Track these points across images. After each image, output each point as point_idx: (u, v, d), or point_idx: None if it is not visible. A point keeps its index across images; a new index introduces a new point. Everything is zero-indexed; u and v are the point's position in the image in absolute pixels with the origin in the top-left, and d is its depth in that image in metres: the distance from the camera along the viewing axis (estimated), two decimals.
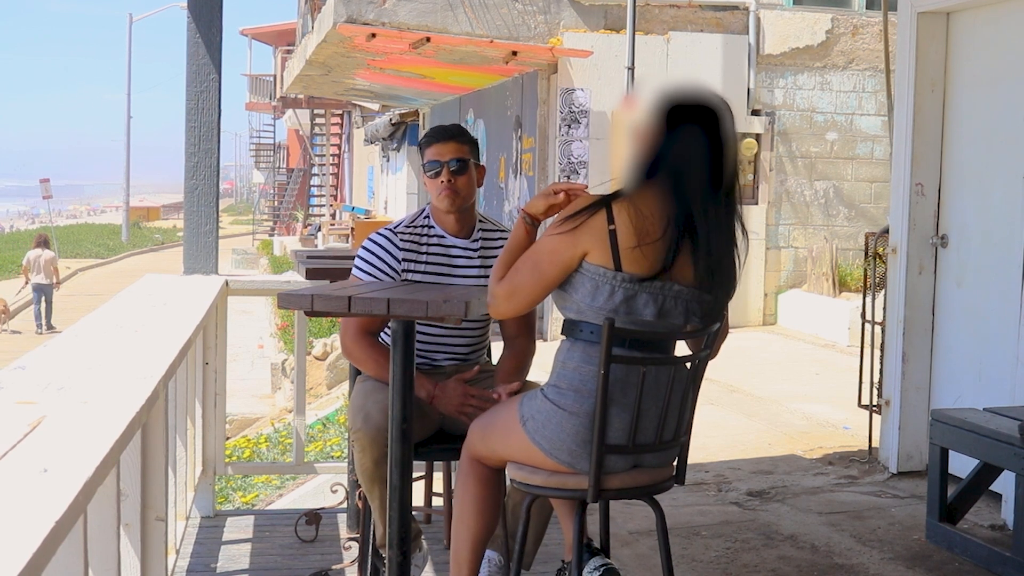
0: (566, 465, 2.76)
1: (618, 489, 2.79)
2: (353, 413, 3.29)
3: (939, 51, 5.41)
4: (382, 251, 3.38)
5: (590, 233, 2.69)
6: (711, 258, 2.75)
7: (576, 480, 2.77)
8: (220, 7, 4.72)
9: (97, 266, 33.84)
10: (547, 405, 2.77)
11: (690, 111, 2.75)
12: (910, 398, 5.48)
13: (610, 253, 2.68)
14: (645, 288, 2.71)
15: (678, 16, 11.70)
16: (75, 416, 2.12)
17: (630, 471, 2.81)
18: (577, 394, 2.73)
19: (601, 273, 2.69)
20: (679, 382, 2.80)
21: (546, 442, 2.76)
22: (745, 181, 11.83)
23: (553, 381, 2.79)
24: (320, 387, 12.14)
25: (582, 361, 2.73)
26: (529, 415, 2.80)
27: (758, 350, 10.14)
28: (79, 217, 74.34)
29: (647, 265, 2.70)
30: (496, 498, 3.04)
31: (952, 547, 4.34)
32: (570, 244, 2.71)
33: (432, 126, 4.42)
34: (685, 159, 2.73)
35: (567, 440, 2.74)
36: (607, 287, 2.70)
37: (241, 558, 4.20)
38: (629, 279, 2.70)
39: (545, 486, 2.81)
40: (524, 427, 2.80)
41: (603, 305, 2.70)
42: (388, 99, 19.75)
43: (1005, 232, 4.95)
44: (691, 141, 2.73)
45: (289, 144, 43.21)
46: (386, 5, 11.11)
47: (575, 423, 2.73)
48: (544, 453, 2.77)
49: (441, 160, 3.35)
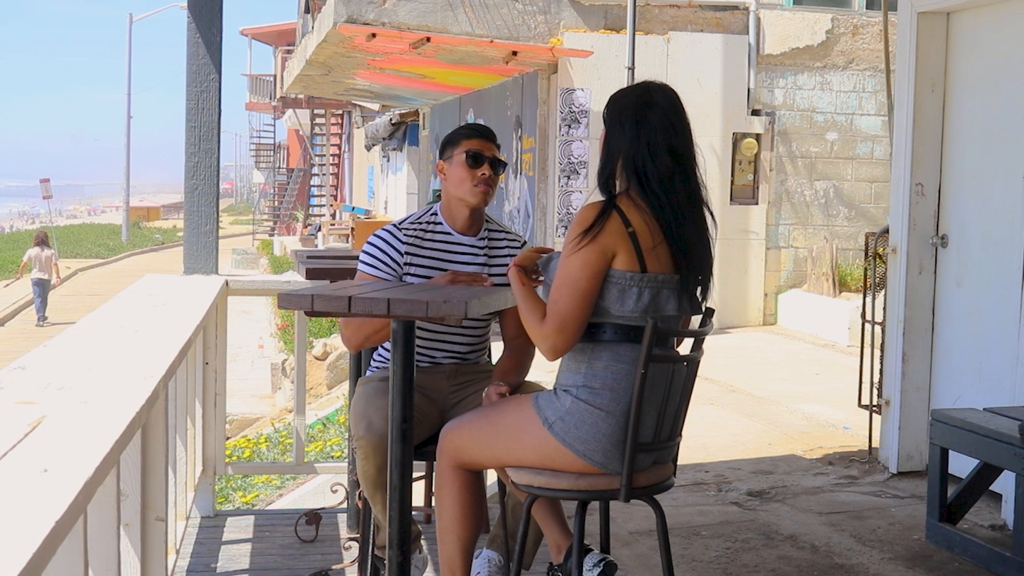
0: (599, 466, 2.75)
1: (644, 487, 2.82)
2: (355, 420, 3.29)
3: (939, 51, 5.41)
4: (386, 245, 3.41)
5: (614, 236, 2.71)
6: (683, 243, 2.76)
7: (607, 480, 2.77)
8: (220, 7, 4.72)
9: (97, 266, 33.83)
10: (580, 406, 2.74)
11: (626, 105, 2.81)
12: (910, 398, 5.48)
13: (635, 255, 2.71)
14: (666, 284, 2.75)
15: (678, 16, 11.70)
16: (75, 416, 2.12)
17: (651, 468, 2.83)
18: (613, 392, 2.72)
19: (628, 277, 2.71)
20: (681, 377, 2.83)
21: (580, 443, 2.73)
22: (745, 181, 11.85)
23: (582, 382, 2.75)
24: (320, 387, 12.14)
25: (612, 360, 2.73)
26: (557, 417, 2.76)
27: (758, 350, 10.13)
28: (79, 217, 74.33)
29: (664, 262, 2.74)
30: (480, 499, 3.03)
31: (952, 547, 4.34)
32: (599, 252, 2.70)
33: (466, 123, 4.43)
34: (637, 150, 2.76)
35: (603, 440, 2.73)
36: (634, 290, 2.71)
37: (241, 558, 4.20)
38: (652, 279, 2.72)
39: (574, 489, 2.78)
40: (551, 430, 2.76)
41: (634, 308, 2.72)
42: (388, 99, 19.75)
43: (1005, 232, 4.95)
44: (638, 131, 2.77)
45: (289, 144, 43.21)
46: (386, 5, 11.11)
47: (611, 423, 2.72)
48: (577, 455, 2.74)
49: (484, 154, 3.39)
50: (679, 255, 2.75)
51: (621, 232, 2.71)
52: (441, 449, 3.00)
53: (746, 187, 11.89)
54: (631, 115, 2.78)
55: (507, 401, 2.97)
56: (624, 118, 2.79)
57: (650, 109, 2.78)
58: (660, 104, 2.79)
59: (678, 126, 2.79)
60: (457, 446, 2.96)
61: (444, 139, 3.50)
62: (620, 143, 2.79)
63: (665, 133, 2.76)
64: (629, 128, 2.77)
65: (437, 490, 3.04)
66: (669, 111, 2.79)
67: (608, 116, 2.85)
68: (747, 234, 11.86)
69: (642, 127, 2.76)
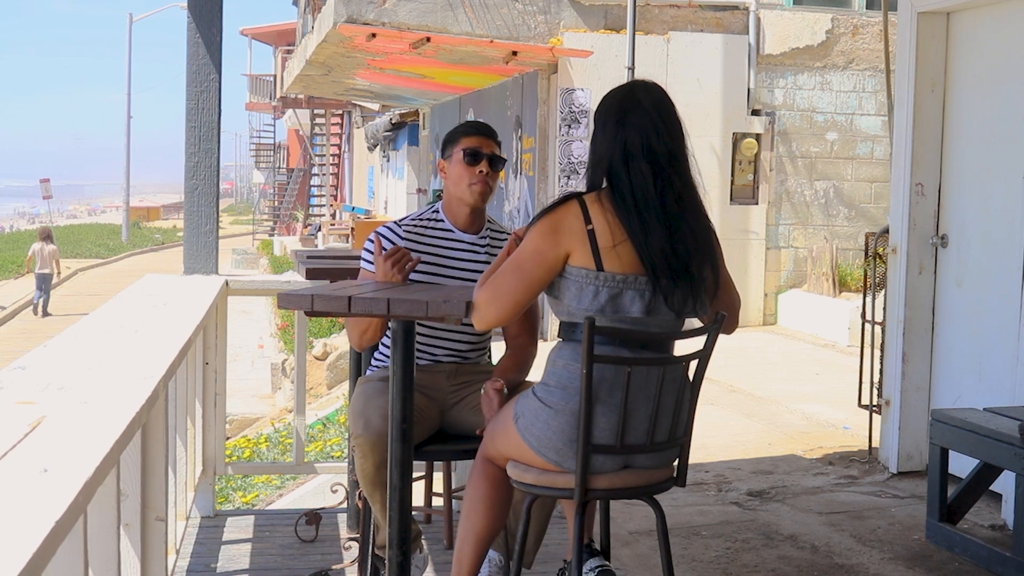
0: (553, 463, 2.77)
1: (607, 489, 2.78)
2: (354, 418, 3.30)
3: (939, 51, 5.41)
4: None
5: (570, 234, 2.72)
6: (650, 245, 2.73)
7: (565, 479, 2.77)
8: (220, 7, 4.72)
9: (97, 266, 33.82)
10: (535, 403, 2.79)
11: (610, 105, 2.82)
12: (910, 398, 5.48)
13: (591, 253, 2.71)
14: (630, 285, 2.72)
15: (678, 16, 11.70)
16: (75, 416, 2.12)
17: (620, 472, 2.79)
18: (564, 391, 2.74)
19: (584, 275, 2.71)
20: (672, 382, 2.77)
21: (534, 439, 2.78)
22: (745, 181, 11.86)
23: (543, 380, 2.82)
24: (320, 387, 12.14)
25: (570, 359, 2.75)
26: (520, 412, 2.82)
27: (758, 350, 10.14)
28: (79, 217, 74.32)
29: (627, 262, 2.72)
30: (505, 499, 3.04)
31: (952, 547, 4.34)
32: (553, 244, 2.72)
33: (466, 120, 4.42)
34: (613, 151, 2.77)
35: (553, 438, 2.75)
36: (591, 288, 2.71)
37: (241, 558, 4.19)
38: (610, 278, 2.71)
39: (536, 484, 2.82)
40: (516, 424, 2.82)
41: (589, 306, 2.71)
42: (388, 99, 19.75)
43: (1005, 232, 4.95)
44: (616, 132, 2.77)
45: (289, 144, 43.20)
46: (386, 5, 11.11)
47: (561, 421, 2.74)
48: (533, 451, 2.79)
49: (483, 151, 3.39)
50: (645, 257, 2.71)
51: (578, 229, 2.72)
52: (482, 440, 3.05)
53: (746, 187, 11.89)
54: (613, 115, 2.80)
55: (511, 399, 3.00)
56: (608, 118, 2.81)
57: (632, 110, 2.78)
58: (644, 104, 2.79)
59: (662, 126, 2.77)
60: (484, 440, 3.02)
61: (445, 137, 3.51)
62: (601, 143, 2.81)
63: (645, 134, 2.75)
64: (610, 128, 2.79)
65: (468, 480, 3.08)
66: (653, 111, 2.78)
67: (595, 116, 2.87)
68: (747, 234, 11.86)
69: (621, 128, 2.77)
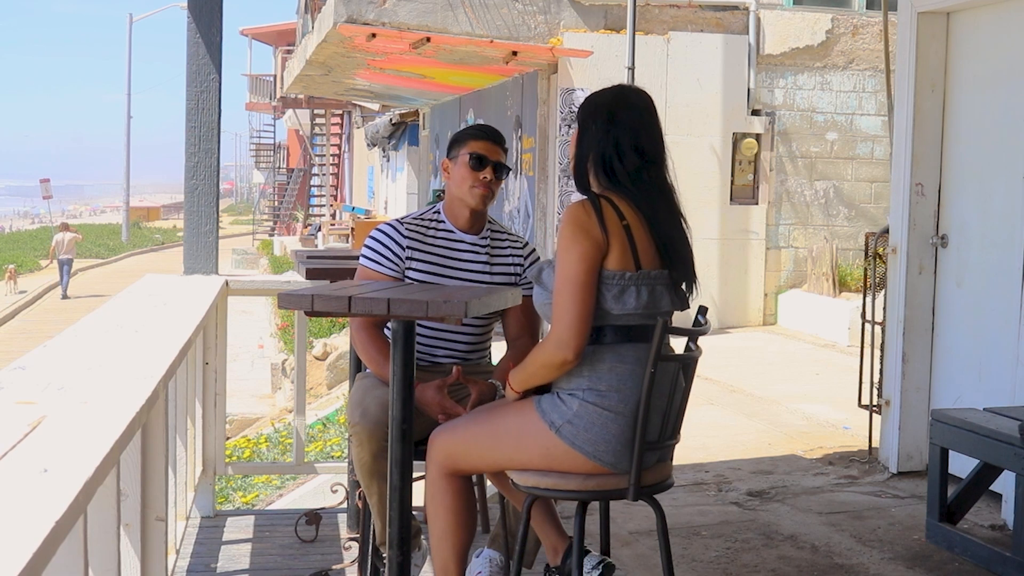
0: (608, 466, 2.76)
1: (651, 485, 2.84)
2: (351, 408, 3.30)
3: (939, 51, 5.41)
4: (387, 239, 3.41)
5: (609, 229, 2.72)
6: (665, 237, 2.78)
7: (615, 480, 2.79)
8: (220, 7, 4.72)
9: (97, 266, 33.82)
10: (589, 408, 2.74)
11: (601, 103, 2.84)
12: (910, 398, 5.48)
13: (629, 250, 2.72)
14: (659, 280, 2.77)
15: (678, 16, 11.70)
16: (75, 416, 2.12)
17: (655, 466, 2.85)
18: (620, 394, 2.74)
19: (624, 276, 2.72)
20: (682, 376, 2.85)
21: (590, 445, 2.75)
22: (745, 181, 11.85)
23: (587, 385, 2.75)
24: (320, 387, 12.14)
25: (616, 361, 2.74)
26: (564, 420, 2.76)
27: (758, 350, 10.13)
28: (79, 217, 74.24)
29: (654, 258, 2.76)
30: (472, 503, 3.03)
31: (952, 547, 4.34)
32: (595, 245, 2.71)
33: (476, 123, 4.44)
34: (606, 146, 2.79)
35: (612, 441, 2.74)
36: (632, 288, 2.73)
37: (241, 558, 4.20)
38: (647, 275, 2.74)
39: (582, 490, 2.80)
40: (559, 433, 2.76)
41: (635, 306, 2.73)
42: (388, 99, 19.75)
43: (1005, 232, 4.95)
44: (608, 128, 2.80)
45: (289, 144, 43.19)
46: (386, 5, 11.11)
47: (621, 423, 2.74)
48: (587, 456, 2.75)
49: (489, 157, 3.39)
50: (663, 250, 2.77)
51: (617, 225, 2.73)
52: (431, 458, 2.98)
53: (746, 187, 11.89)
54: (604, 113, 2.82)
55: (504, 406, 2.94)
56: (598, 116, 2.83)
57: (624, 109, 2.82)
58: (635, 105, 2.84)
59: (649, 128, 2.83)
60: (450, 453, 2.95)
61: (452, 137, 3.51)
62: (592, 141, 2.82)
63: (634, 133, 2.79)
64: (601, 125, 2.81)
65: (428, 499, 3.02)
66: (643, 113, 2.83)
67: (581, 115, 2.88)
68: (747, 234, 11.85)
69: (613, 125, 2.79)
